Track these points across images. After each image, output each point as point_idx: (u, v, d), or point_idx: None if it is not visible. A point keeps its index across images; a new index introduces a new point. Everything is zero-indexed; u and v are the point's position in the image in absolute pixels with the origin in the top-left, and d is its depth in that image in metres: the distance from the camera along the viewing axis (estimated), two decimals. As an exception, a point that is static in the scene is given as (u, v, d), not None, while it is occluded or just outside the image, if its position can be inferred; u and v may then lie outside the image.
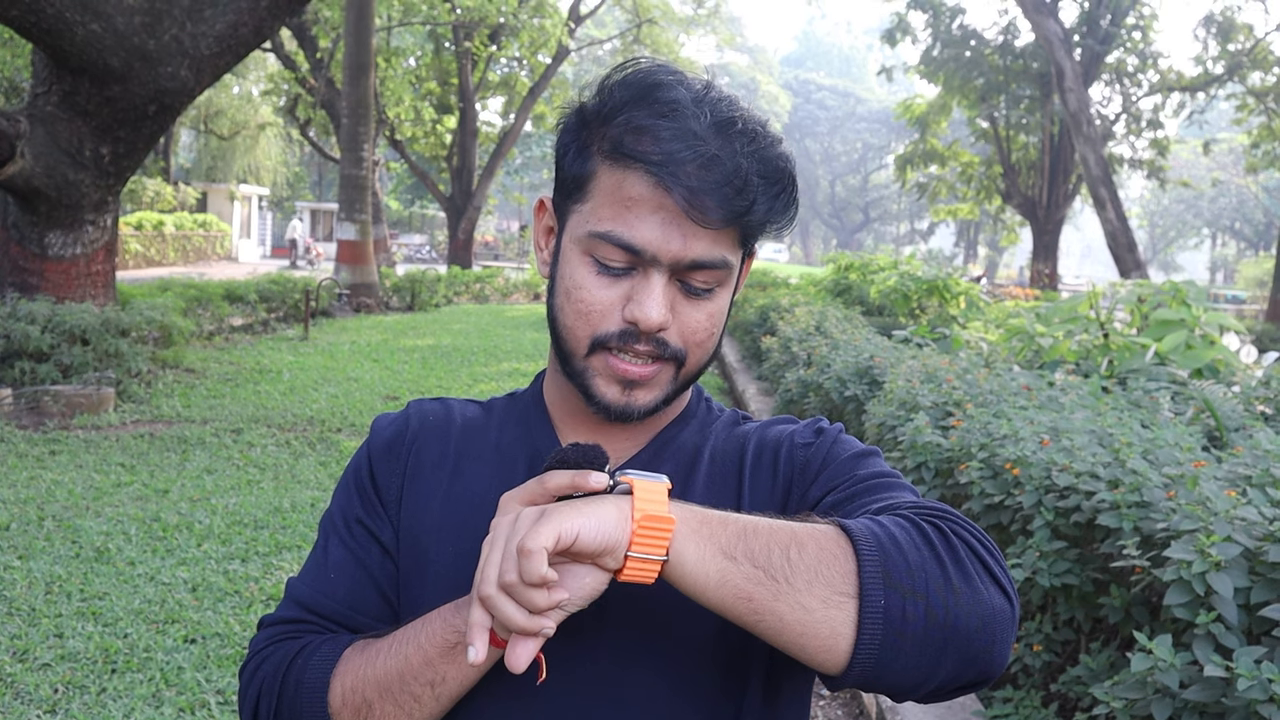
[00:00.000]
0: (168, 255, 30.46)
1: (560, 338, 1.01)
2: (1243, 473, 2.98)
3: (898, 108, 35.61)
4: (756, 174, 0.94)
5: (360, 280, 18.35)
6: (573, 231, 1.00)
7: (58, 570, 4.67)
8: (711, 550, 0.83)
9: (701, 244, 0.95)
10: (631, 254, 0.95)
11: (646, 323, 0.95)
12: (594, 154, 0.98)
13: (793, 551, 0.83)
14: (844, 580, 0.82)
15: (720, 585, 0.83)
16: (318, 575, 1.08)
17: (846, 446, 1.06)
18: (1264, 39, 27.29)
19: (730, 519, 0.86)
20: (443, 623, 0.94)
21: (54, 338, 8.46)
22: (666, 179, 0.92)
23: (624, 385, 0.99)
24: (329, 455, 7.18)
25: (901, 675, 0.83)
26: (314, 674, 0.99)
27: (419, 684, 0.94)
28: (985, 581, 0.85)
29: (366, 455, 1.12)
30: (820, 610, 0.82)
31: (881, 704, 3.46)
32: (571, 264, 0.99)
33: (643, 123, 0.94)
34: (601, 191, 0.97)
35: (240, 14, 9.25)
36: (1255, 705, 2.08)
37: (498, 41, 27.93)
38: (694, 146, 0.92)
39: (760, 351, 10.11)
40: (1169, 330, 6.85)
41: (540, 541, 0.79)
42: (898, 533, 0.85)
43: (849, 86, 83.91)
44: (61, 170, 8.90)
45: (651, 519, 0.82)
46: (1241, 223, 62.61)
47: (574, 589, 0.84)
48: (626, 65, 1.00)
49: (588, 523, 0.81)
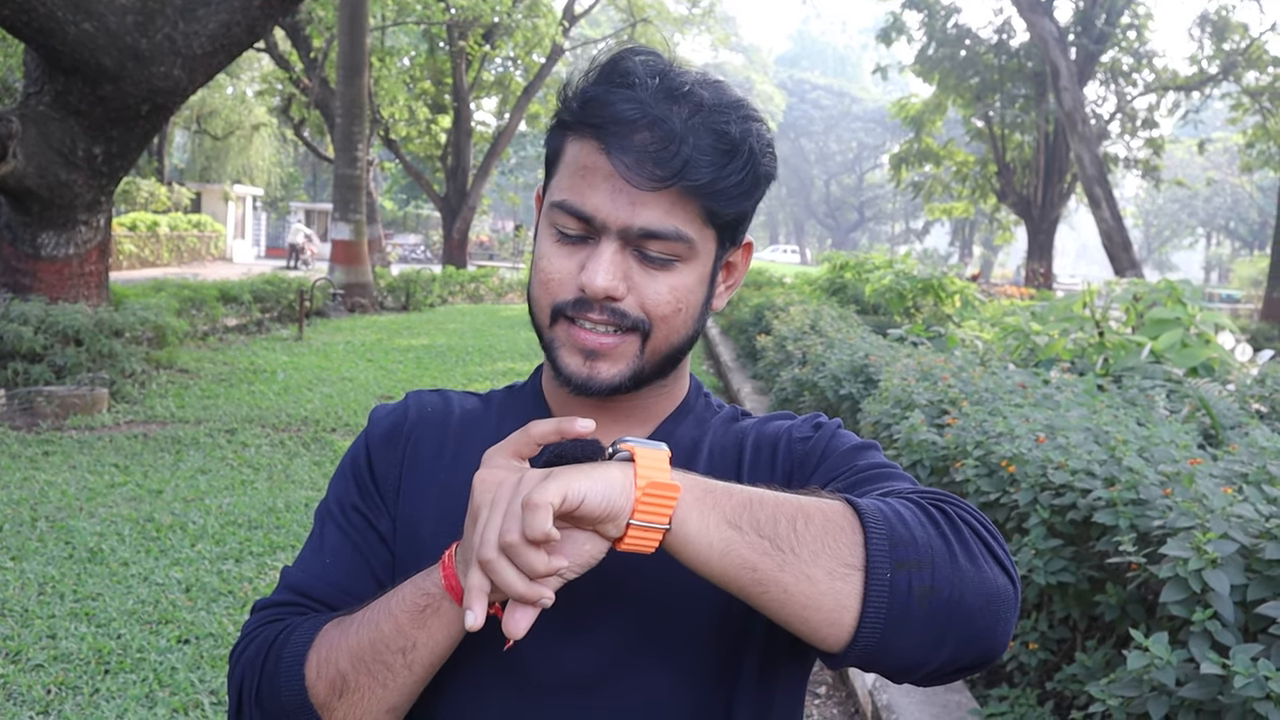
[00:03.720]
0: (162, 256, 30.40)
1: (531, 313, 1.03)
2: (1239, 470, 2.98)
3: (893, 107, 35.62)
4: (702, 139, 0.94)
5: (355, 280, 18.33)
6: (544, 206, 1.02)
7: (51, 571, 4.65)
8: (715, 519, 0.82)
9: (652, 212, 0.95)
10: (584, 222, 0.96)
11: (591, 287, 0.95)
12: (560, 130, 1.00)
13: (799, 522, 0.82)
14: (851, 553, 0.81)
15: (724, 555, 0.82)
16: (313, 560, 1.07)
17: (845, 440, 1.05)
18: (1259, 38, 27.35)
19: (735, 489, 0.85)
20: (413, 587, 0.93)
21: (47, 338, 8.43)
22: (608, 142, 0.93)
23: (585, 355, 0.99)
24: (323, 455, 7.16)
25: (905, 652, 0.82)
26: (292, 649, 0.98)
27: (390, 651, 0.92)
28: (989, 561, 0.85)
29: (365, 445, 1.12)
30: (826, 582, 0.81)
31: (877, 701, 3.45)
32: (540, 238, 1.01)
33: (594, 92, 0.96)
34: (564, 164, 0.99)
35: (233, 13, 9.22)
36: (1252, 703, 2.08)
37: (492, 41, 27.91)
38: (639, 111, 0.93)
39: (755, 350, 10.10)
40: (1164, 329, 6.86)
41: (547, 497, 0.77)
42: (904, 510, 0.85)
43: (844, 86, 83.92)
44: (54, 170, 8.87)
45: (656, 486, 0.81)
46: (1236, 222, 62.72)
47: (572, 555, 0.82)
48: (606, 51, 1.03)
49: (595, 486, 0.79)
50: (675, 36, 31.71)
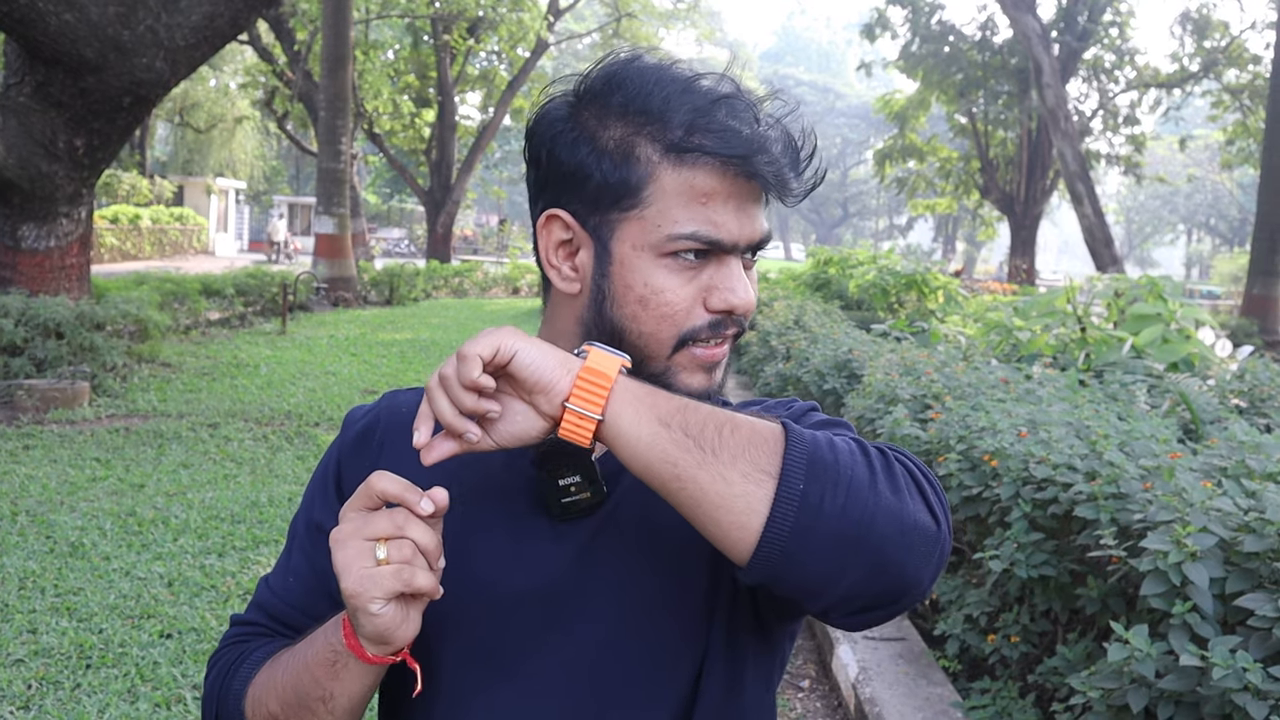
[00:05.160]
0: (143, 249, 30.21)
1: (633, 345, 0.98)
2: (1218, 464, 3.00)
3: (877, 103, 35.71)
4: (808, 145, 1.00)
5: (338, 274, 18.27)
6: (634, 240, 0.97)
7: (31, 566, 4.63)
8: (648, 416, 0.86)
9: (760, 222, 0.99)
10: (711, 245, 0.96)
11: (745, 307, 0.98)
12: (643, 156, 0.96)
13: (726, 430, 0.85)
14: (769, 461, 0.83)
15: (650, 448, 0.85)
16: (279, 579, 1.11)
17: (813, 417, 1.06)
18: (1239, 36, 27.53)
19: (676, 398, 0.88)
20: (324, 641, 0.95)
21: (28, 331, 8.37)
22: (750, 165, 0.94)
23: (708, 371, 1.01)
24: (306, 449, 7.14)
25: (810, 569, 0.83)
26: (238, 683, 1.03)
27: (312, 699, 0.96)
28: (913, 496, 0.86)
29: (336, 455, 1.12)
30: (740, 484, 0.83)
31: (860, 694, 3.47)
32: (642, 272, 0.97)
33: (706, 118, 0.95)
34: (666, 194, 0.96)
35: (216, 5, 9.16)
36: (1230, 694, 2.10)
37: (476, 35, 27.82)
38: (755, 130, 0.95)
39: (739, 345, 10.11)
40: (1145, 324, 6.89)
41: (476, 349, 0.85)
42: (838, 442, 0.86)
43: (828, 82, 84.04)
44: (35, 162, 8.80)
45: (592, 372, 0.86)
46: (1216, 219, 63.15)
47: (506, 420, 0.89)
48: (618, 60, 1.00)
49: (527, 348, 0.86)
50: (660, 31, 31.68)
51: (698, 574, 1.00)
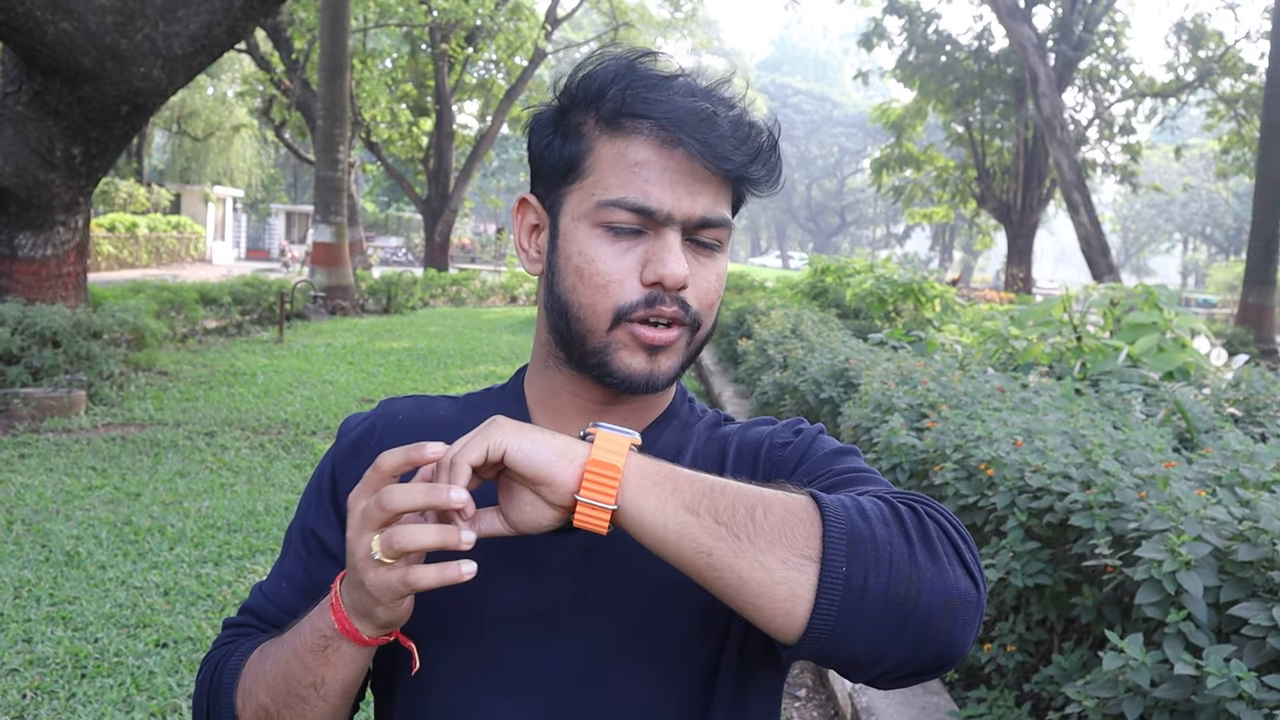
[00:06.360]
0: (140, 257, 30.20)
1: (575, 319, 0.99)
2: (1212, 473, 3.01)
3: (873, 112, 35.74)
4: (754, 128, 0.99)
5: (336, 282, 18.26)
6: (574, 211, 0.99)
7: (27, 575, 4.62)
8: (674, 503, 0.83)
9: (706, 200, 0.97)
10: (644, 216, 0.96)
11: (673, 279, 0.96)
12: (586, 132, 0.99)
13: (758, 512, 0.83)
14: (807, 544, 0.82)
15: (680, 538, 0.83)
16: (273, 583, 1.11)
17: (824, 444, 1.06)
18: (1234, 46, 27.60)
19: (698, 476, 0.86)
20: (310, 627, 0.95)
21: (24, 340, 8.36)
22: (679, 133, 0.94)
23: (649, 352, 0.99)
24: (303, 458, 7.13)
25: (858, 648, 0.82)
26: (227, 676, 1.02)
27: (302, 686, 0.95)
28: (953, 563, 0.85)
29: (331, 463, 1.12)
30: (780, 571, 0.81)
31: (856, 704, 3.47)
32: (578, 241, 0.98)
33: (640, 90, 0.96)
34: (602, 164, 0.97)
35: (214, 14, 9.18)
36: (1224, 703, 2.10)
37: (474, 44, 27.86)
38: (696, 104, 0.95)
39: (736, 354, 10.12)
40: (1141, 333, 6.91)
41: (466, 456, 0.84)
42: (868, 506, 0.85)
43: (825, 91, 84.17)
44: (32, 170, 8.80)
45: (599, 464, 0.83)
46: (1212, 228, 63.26)
47: (515, 510, 0.88)
48: (595, 56, 1.02)
49: (517, 442, 0.84)
50: (658, 40, 31.74)
51: (697, 588, 1.00)
